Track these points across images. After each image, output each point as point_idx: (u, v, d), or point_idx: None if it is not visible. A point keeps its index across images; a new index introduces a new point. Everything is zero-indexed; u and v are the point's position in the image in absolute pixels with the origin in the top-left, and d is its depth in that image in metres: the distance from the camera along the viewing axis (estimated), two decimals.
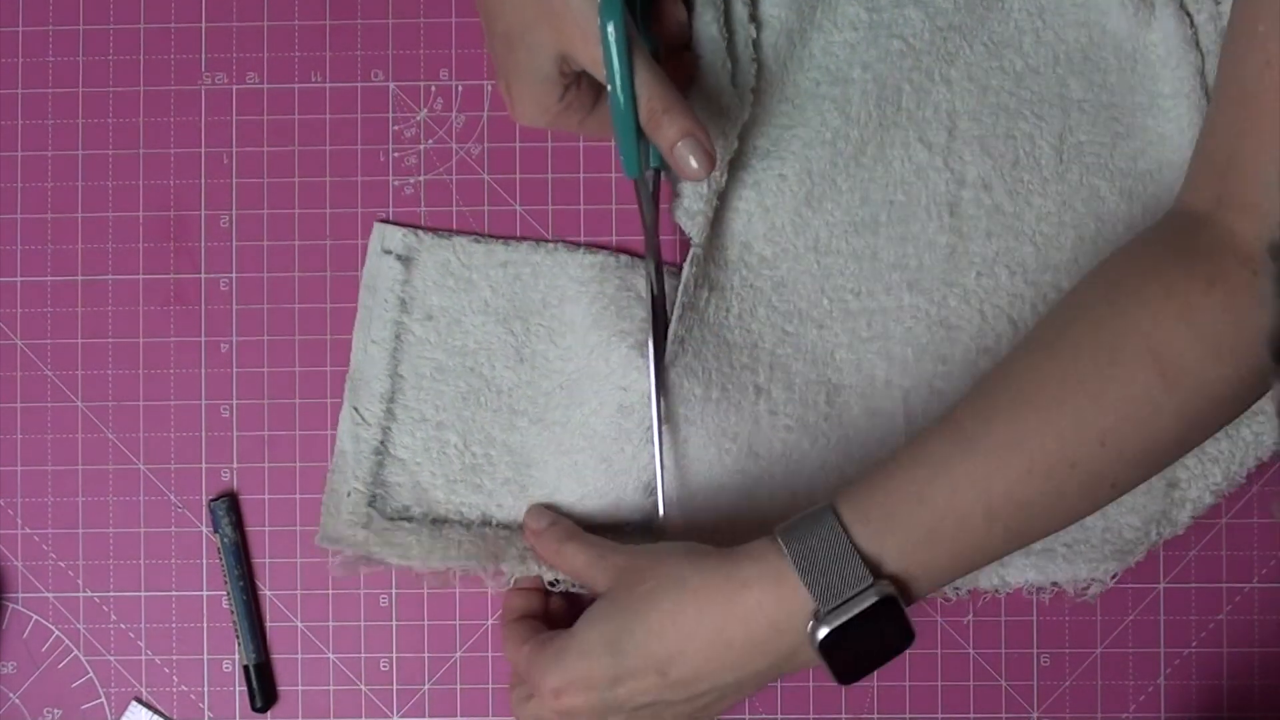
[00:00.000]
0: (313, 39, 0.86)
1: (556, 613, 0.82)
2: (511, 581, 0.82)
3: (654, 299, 0.82)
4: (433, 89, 0.86)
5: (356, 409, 0.84)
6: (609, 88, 0.71)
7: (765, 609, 0.71)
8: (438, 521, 0.83)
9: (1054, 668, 0.85)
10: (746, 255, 0.84)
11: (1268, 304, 0.55)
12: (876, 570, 0.71)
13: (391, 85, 0.86)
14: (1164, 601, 0.85)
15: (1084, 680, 0.85)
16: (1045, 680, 0.85)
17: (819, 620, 0.70)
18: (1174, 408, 0.70)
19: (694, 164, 0.71)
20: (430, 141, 0.86)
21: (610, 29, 0.69)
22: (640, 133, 0.72)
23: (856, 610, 0.70)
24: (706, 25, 0.80)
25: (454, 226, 0.85)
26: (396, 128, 0.86)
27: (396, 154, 0.86)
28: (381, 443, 0.84)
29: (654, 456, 0.82)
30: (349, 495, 0.83)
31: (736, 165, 0.83)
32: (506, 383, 0.84)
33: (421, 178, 0.86)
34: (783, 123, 0.84)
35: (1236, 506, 0.85)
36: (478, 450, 0.84)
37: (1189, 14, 0.83)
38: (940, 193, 0.84)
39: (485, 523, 0.83)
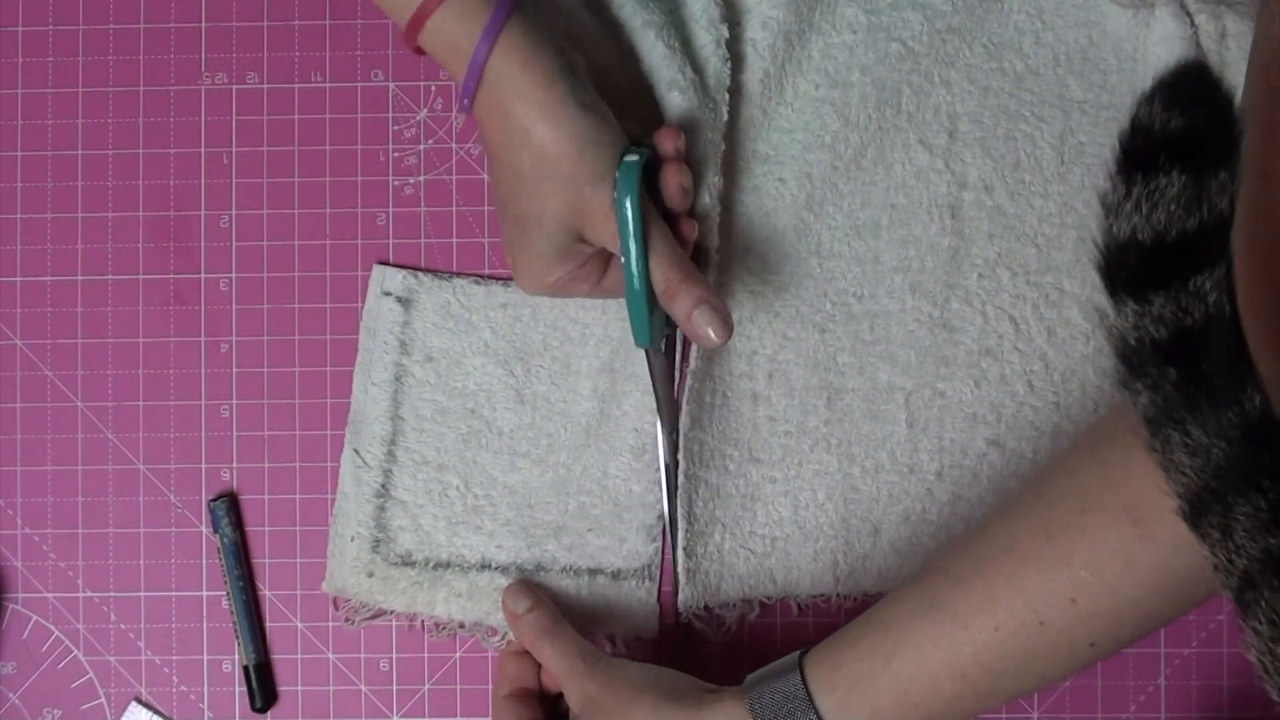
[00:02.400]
0: (313, 39, 0.86)
1: (549, 684, 0.82)
2: (507, 640, 0.84)
3: (667, 467, 0.82)
4: (433, 89, 0.86)
5: (358, 451, 0.84)
6: (623, 262, 0.72)
7: None
8: (439, 566, 0.84)
9: None
10: (748, 260, 0.84)
11: None
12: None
13: (391, 85, 0.86)
14: None
15: (1084, 680, 0.85)
16: None
17: None
18: (1151, 563, 0.66)
19: (711, 332, 0.72)
20: (430, 141, 0.86)
21: (627, 204, 0.71)
22: (652, 303, 0.73)
23: None
24: (651, 47, 0.80)
25: (454, 226, 0.85)
26: (396, 128, 0.86)
27: (396, 154, 0.85)
28: (383, 485, 0.84)
29: (660, 500, 0.83)
30: (352, 540, 0.84)
31: (736, 170, 0.83)
32: (508, 424, 0.84)
33: (421, 178, 0.86)
34: (782, 126, 0.84)
35: None
36: (479, 492, 0.84)
37: (1189, 14, 0.83)
38: (941, 195, 0.84)
39: (485, 565, 0.84)
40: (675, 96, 0.80)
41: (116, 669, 0.85)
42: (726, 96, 0.81)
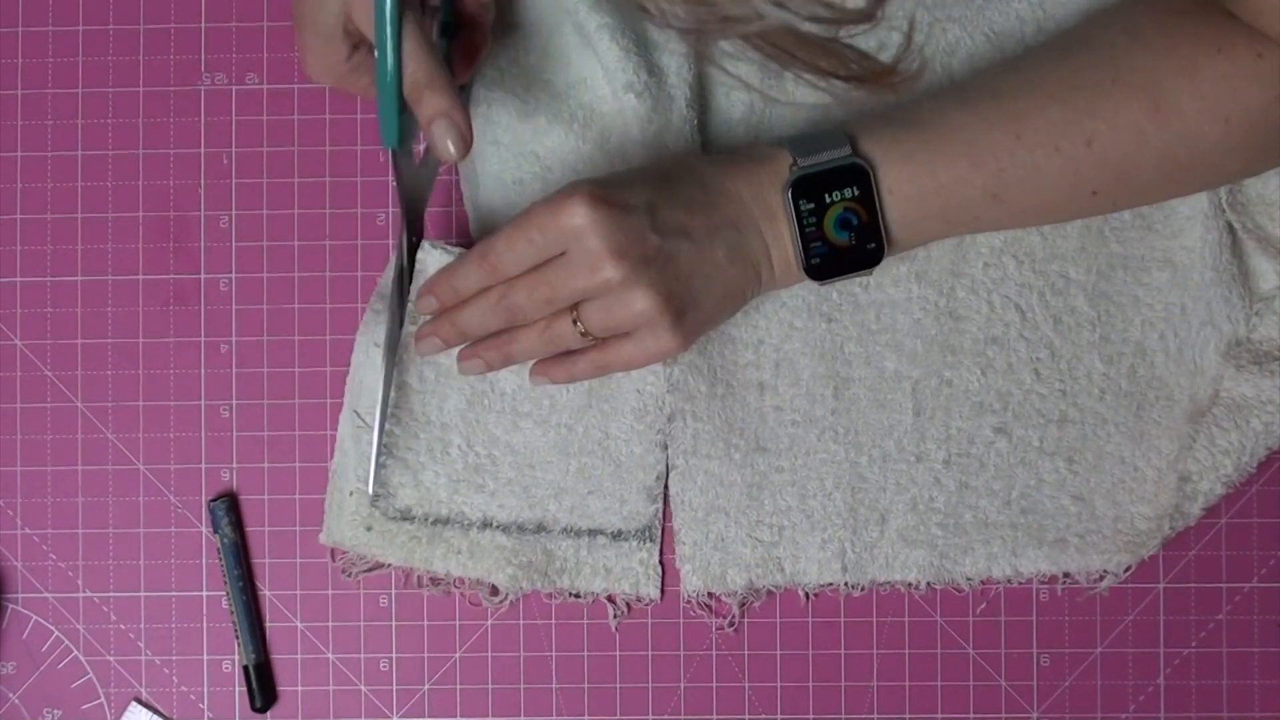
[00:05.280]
0: None
1: None
2: (508, 601, 0.84)
3: (401, 269, 0.81)
4: None
5: (358, 413, 0.83)
6: (376, 53, 0.71)
7: (760, 165, 0.77)
8: (439, 523, 0.83)
9: (1054, 668, 0.85)
10: None
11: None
12: (855, 148, 0.76)
13: None
14: (1164, 601, 0.85)
15: (1084, 680, 0.85)
16: (1045, 680, 0.85)
17: (792, 171, 0.76)
18: (1159, 144, 0.75)
19: (449, 147, 0.72)
20: None
21: None
22: (403, 103, 0.72)
23: (826, 160, 0.76)
24: (606, 49, 0.81)
25: (454, 226, 0.86)
26: None
27: None
28: (384, 444, 0.83)
29: (662, 461, 0.83)
30: (351, 495, 0.83)
31: None
32: (510, 385, 0.84)
33: None
34: (785, 115, 0.84)
35: (1236, 506, 0.85)
36: (481, 450, 0.84)
37: None
38: None
39: (486, 524, 0.83)
40: (631, 99, 0.80)
41: (116, 669, 0.85)
42: (688, 93, 0.82)
